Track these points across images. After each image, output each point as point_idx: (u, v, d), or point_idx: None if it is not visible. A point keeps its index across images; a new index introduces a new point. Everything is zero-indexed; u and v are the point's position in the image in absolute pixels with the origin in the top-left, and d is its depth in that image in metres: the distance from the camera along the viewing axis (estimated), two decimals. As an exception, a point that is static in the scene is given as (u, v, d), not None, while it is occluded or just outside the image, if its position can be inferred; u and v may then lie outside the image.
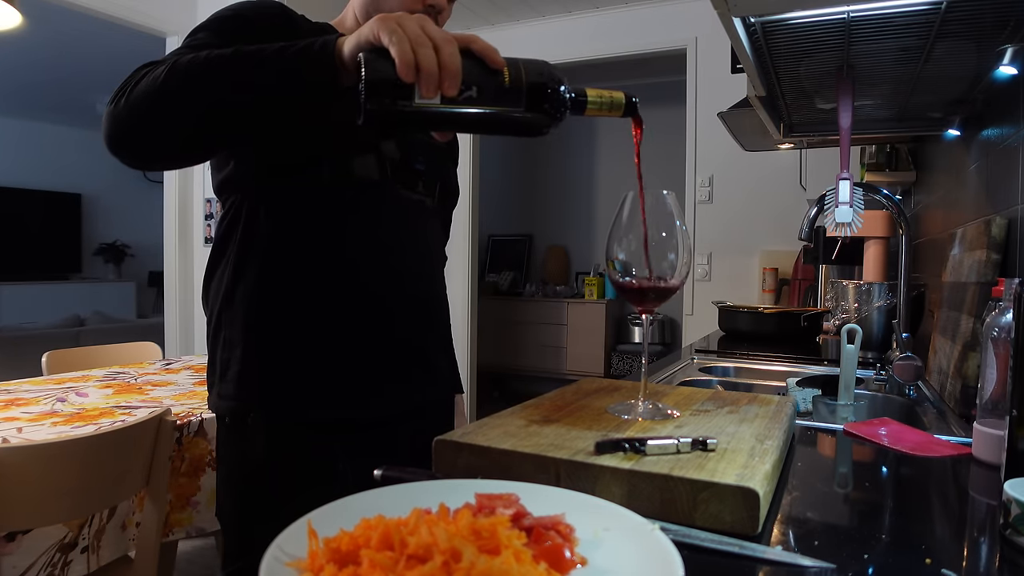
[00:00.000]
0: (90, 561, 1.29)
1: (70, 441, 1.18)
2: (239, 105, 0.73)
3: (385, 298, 0.98)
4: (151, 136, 0.76)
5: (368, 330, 0.96)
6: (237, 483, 0.97)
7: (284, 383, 0.93)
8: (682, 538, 0.54)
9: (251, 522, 0.92)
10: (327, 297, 0.94)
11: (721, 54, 3.50)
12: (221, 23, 0.87)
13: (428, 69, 0.62)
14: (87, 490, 1.21)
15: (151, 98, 0.73)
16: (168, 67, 0.73)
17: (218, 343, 0.96)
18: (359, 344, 0.96)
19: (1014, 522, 0.55)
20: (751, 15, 0.94)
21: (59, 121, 7.06)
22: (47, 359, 2.19)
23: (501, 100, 0.68)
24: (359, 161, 0.94)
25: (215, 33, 0.85)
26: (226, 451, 0.97)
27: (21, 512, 1.14)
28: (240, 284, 0.94)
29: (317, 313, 0.94)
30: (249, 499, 0.94)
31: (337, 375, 0.95)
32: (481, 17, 4.11)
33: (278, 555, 0.43)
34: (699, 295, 3.72)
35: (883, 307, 1.68)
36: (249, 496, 0.94)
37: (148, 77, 0.74)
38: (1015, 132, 1.09)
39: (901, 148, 2.24)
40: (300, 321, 0.93)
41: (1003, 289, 0.78)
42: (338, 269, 0.94)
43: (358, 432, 0.96)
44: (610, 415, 0.79)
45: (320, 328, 0.94)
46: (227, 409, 0.95)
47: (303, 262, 0.93)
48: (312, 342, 0.94)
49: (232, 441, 0.96)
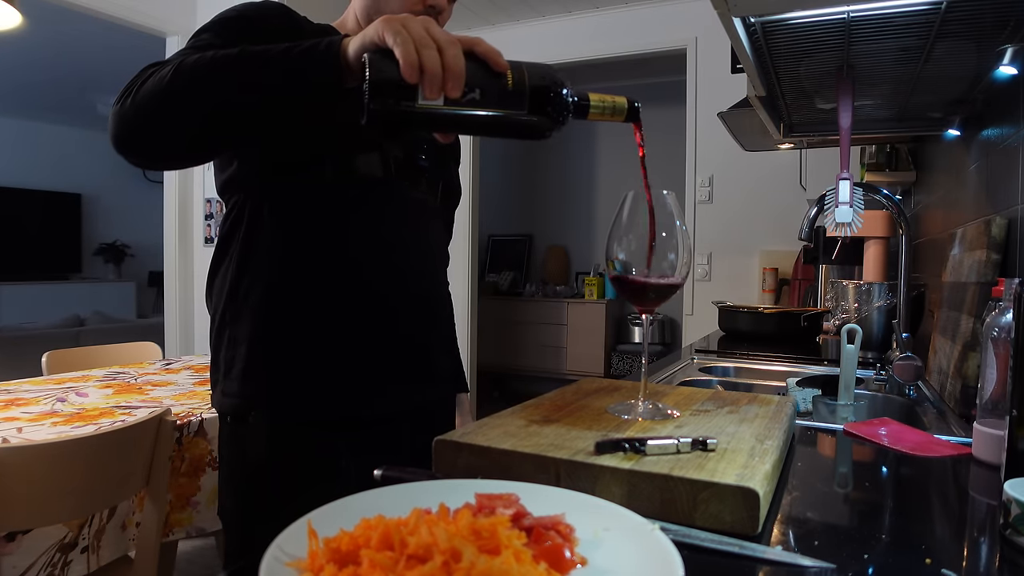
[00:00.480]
0: (90, 561, 1.29)
1: (70, 441, 1.18)
2: (245, 105, 0.74)
3: (388, 296, 0.98)
4: (157, 136, 0.76)
5: (371, 328, 0.97)
6: (239, 482, 0.97)
7: (288, 381, 0.93)
8: (682, 538, 0.54)
9: (253, 521, 0.92)
10: (331, 295, 0.94)
11: (721, 54, 3.50)
12: (224, 24, 0.88)
13: (432, 70, 0.63)
14: (87, 490, 1.21)
15: (157, 98, 0.73)
16: (174, 67, 0.74)
17: (222, 341, 0.96)
18: (362, 342, 0.96)
19: (1014, 522, 0.55)
20: (751, 15, 0.94)
21: (59, 121, 7.07)
22: (47, 359, 2.19)
23: (504, 103, 0.68)
24: (363, 159, 0.95)
25: (219, 34, 0.86)
26: (228, 450, 0.97)
27: (21, 512, 1.14)
28: (244, 282, 0.94)
29: (321, 311, 0.94)
30: (251, 498, 0.95)
31: (341, 373, 0.95)
32: (481, 17, 4.11)
33: (278, 555, 0.43)
34: (699, 295, 3.73)
35: (883, 307, 1.68)
36: (251, 495, 0.95)
37: (154, 77, 0.74)
38: (1015, 132, 1.09)
39: (901, 148, 2.24)
40: (304, 319, 0.94)
41: (1003, 289, 0.78)
42: (341, 267, 0.95)
43: (361, 431, 0.96)
44: (610, 415, 0.79)
45: (324, 326, 0.94)
46: (231, 407, 0.95)
47: (307, 260, 0.94)
48: (316, 340, 0.94)
49: (235, 439, 0.96)
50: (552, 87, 0.69)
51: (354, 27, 1.01)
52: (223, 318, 0.96)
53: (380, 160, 0.96)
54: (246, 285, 0.94)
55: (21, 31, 2.10)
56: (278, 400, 0.93)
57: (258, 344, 0.93)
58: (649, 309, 0.79)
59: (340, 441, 0.94)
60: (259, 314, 0.93)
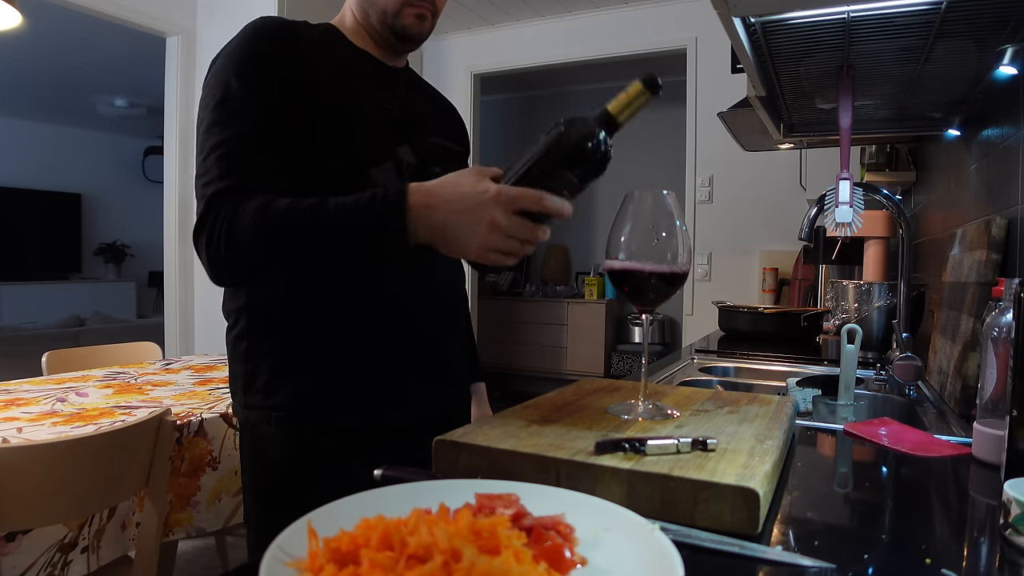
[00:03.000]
0: (90, 561, 1.29)
1: (70, 441, 1.18)
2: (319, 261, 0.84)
3: (414, 304, 0.99)
4: (249, 279, 0.92)
5: (397, 335, 0.97)
6: (262, 488, 0.97)
7: (312, 392, 0.94)
8: (682, 538, 0.54)
9: (277, 527, 0.92)
10: (353, 305, 0.94)
11: (721, 54, 3.50)
12: (244, 69, 0.88)
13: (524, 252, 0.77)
14: (87, 490, 1.21)
15: (241, 260, 0.83)
16: (253, 230, 0.81)
17: (242, 352, 0.96)
18: (387, 350, 0.96)
19: (1014, 522, 0.55)
20: (751, 15, 0.94)
21: (59, 121, 7.06)
22: (47, 359, 2.19)
23: (573, 196, 0.76)
24: (377, 169, 0.94)
25: (245, 83, 0.87)
26: (251, 459, 0.98)
27: (21, 512, 1.14)
28: (262, 294, 0.95)
29: (344, 322, 0.94)
30: (274, 505, 0.95)
31: (363, 383, 0.95)
32: (481, 17, 4.11)
33: (278, 555, 0.43)
34: (699, 295, 3.73)
35: (883, 307, 1.68)
36: (274, 502, 0.95)
37: (236, 237, 0.81)
38: (1015, 132, 1.09)
39: (901, 148, 2.24)
40: (327, 330, 0.94)
41: (1003, 289, 0.78)
42: (362, 275, 0.94)
43: (383, 438, 0.96)
44: (610, 415, 0.79)
45: (348, 337, 0.94)
46: (255, 418, 0.95)
47: (327, 270, 0.93)
48: (340, 351, 0.94)
49: (258, 449, 0.96)
50: (588, 157, 0.73)
51: (352, 25, 1.01)
52: (242, 329, 0.96)
53: (395, 168, 0.96)
54: (266, 296, 0.94)
55: (21, 31, 2.10)
56: (302, 411, 0.93)
57: (281, 356, 0.94)
58: (649, 308, 0.79)
59: (361, 448, 0.94)
60: (281, 325, 0.94)
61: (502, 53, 4.25)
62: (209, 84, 0.89)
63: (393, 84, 1.03)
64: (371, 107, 0.97)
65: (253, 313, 0.95)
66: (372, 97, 0.97)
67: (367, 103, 0.96)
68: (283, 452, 0.94)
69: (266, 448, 0.95)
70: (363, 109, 0.95)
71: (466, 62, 4.34)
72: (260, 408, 0.94)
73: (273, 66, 0.88)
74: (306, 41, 0.94)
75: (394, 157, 0.97)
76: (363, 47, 1.01)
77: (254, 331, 0.95)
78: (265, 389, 0.94)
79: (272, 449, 0.94)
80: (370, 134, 0.95)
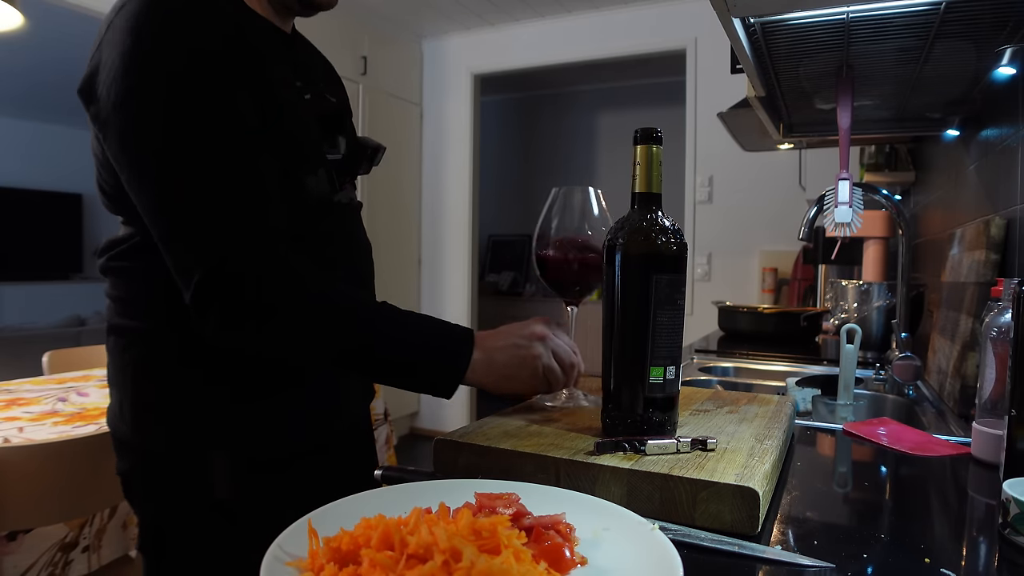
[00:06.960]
0: (91, 560, 1.29)
1: (71, 441, 1.18)
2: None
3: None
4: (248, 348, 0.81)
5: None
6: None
7: (236, 420, 0.83)
8: (682, 538, 0.54)
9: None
10: None
11: (721, 54, 3.50)
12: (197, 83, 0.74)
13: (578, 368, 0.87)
14: (88, 489, 1.22)
15: (283, 342, 0.77)
16: (324, 321, 0.76)
17: (149, 378, 0.84)
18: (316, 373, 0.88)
19: (1013, 522, 0.55)
20: (751, 15, 0.94)
21: (59, 121, 7.06)
22: (48, 359, 2.19)
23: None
24: (312, 179, 0.85)
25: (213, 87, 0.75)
26: (158, 487, 0.85)
27: (22, 511, 1.15)
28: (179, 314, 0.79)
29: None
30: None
31: (300, 402, 0.87)
32: (481, 17, 4.11)
33: (278, 554, 0.43)
34: (699, 295, 3.73)
35: (882, 307, 1.68)
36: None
37: (281, 336, 0.76)
38: (1014, 132, 1.09)
39: (900, 148, 2.24)
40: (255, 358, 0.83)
41: (1002, 289, 0.78)
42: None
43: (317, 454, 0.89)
44: (610, 415, 0.79)
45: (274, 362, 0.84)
46: (173, 445, 0.83)
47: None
48: (270, 375, 0.84)
49: (167, 478, 0.84)
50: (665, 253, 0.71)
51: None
52: (148, 351, 0.83)
53: (327, 177, 0.87)
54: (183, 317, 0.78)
55: (21, 32, 2.10)
56: (221, 440, 0.83)
57: (210, 386, 0.82)
58: (574, 300, 0.91)
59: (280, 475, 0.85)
60: (201, 355, 0.81)
61: (502, 53, 4.25)
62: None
63: (291, 55, 0.89)
64: (294, 102, 0.84)
65: (169, 334, 0.82)
66: (286, 83, 0.85)
67: (290, 96, 0.84)
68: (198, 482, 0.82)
69: (178, 478, 0.83)
70: (295, 108, 0.84)
71: (466, 62, 4.34)
72: (179, 436, 0.82)
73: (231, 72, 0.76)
74: (257, 27, 0.83)
75: (324, 165, 0.88)
76: (250, 5, 0.85)
77: (161, 355, 0.83)
78: (190, 418, 0.82)
79: (185, 478, 0.83)
80: (303, 145, 0.85)
